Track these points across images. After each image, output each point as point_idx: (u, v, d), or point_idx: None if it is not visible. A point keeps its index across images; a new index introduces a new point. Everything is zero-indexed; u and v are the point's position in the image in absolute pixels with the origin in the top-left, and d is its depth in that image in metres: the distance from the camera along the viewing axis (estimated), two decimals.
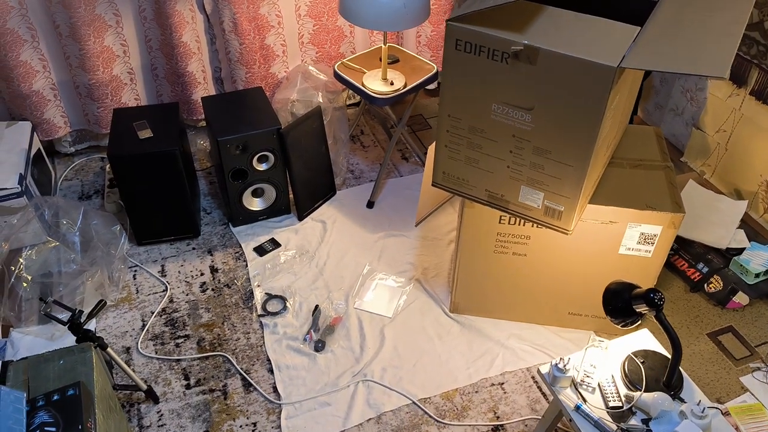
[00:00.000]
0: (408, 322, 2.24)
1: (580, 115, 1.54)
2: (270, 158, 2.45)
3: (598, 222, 1.90)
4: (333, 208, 2.69)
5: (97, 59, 2.59)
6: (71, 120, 2.80)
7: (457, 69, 1.63)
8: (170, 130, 2.36)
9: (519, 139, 1.66)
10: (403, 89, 2.47)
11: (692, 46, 1.46)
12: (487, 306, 2.22)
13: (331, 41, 2.91)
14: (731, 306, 2.28)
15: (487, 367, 2.11)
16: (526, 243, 2.00)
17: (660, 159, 2.04)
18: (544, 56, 1.50)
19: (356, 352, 2.14)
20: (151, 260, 2.47)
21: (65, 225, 2.33)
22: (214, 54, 2.83)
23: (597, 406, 1.62)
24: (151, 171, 2.31)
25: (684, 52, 1.44)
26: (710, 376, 2.09)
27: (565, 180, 1.67)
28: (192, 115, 2.90)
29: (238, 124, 2.38)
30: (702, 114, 2.77)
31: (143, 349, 2.16)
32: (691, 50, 1.44)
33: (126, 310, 2.28)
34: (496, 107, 1.64)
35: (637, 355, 1.72)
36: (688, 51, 1.44)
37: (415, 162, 2.93)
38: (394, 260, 2.46)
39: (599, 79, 1.46)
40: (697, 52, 1.43)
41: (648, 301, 1.56)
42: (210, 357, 2.14)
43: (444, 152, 1.83)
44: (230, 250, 2.51)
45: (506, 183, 1.78)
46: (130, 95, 2.78)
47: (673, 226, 1.87)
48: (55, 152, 2.91)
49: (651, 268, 1.98)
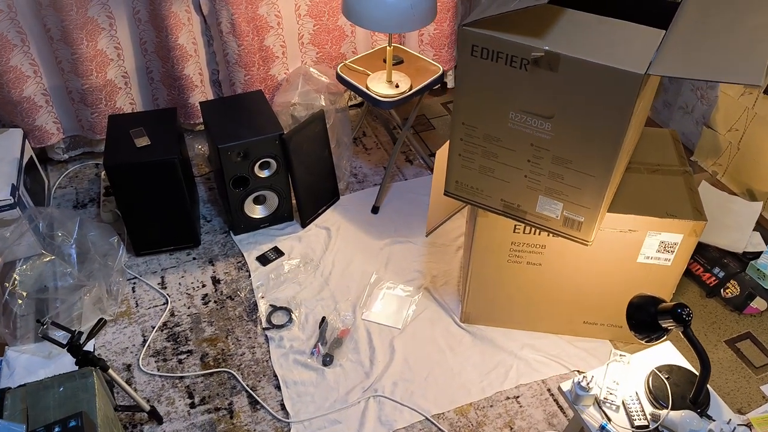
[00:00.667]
0: (418, 334, 2.17)
1: (604, 123, 1.47)
2: (272, 164, 2.37)
3: (617, 231, 1.83)
4: (337, 214, 2.61)
5: (90, 63, 2.49)
6: (64, 126, 2.70)
7: (473, 75, 1.55)
8: (168, 137, 2.28)
9: (537, 148, 1.59)
10: (408, 92, 2.39)
11: (722, 52, 1.39)
12: (499, 315, 2.15)
13: (332, 41, 2.82)
14: (749, 311, 2.22)
15: (501, 379, 2.04)
16: (541, 252, 1.93)
17: (678, 163, 1.97)
18: (566, 63, 1.42)
19: (366, 365, 2.08)
20: (151, 271, 2.38)
21: (60, 237, 2.25)
22: (212, 56, 2.74)
23: (622, 425, 1.56)
24: (149, 180, 2.22)
25: (714, 59, 1.37)
26: (730, 385, 2.04)
27: (586, 190, 1.60)
28: (189, 119, 2.81)
29: (238, 130, 2.30)
30: (713, 112, 2.70)
31: (144, 366, 2.08)
32: (722, 56, 1.37)
33: (126, 325, 2.20)
34: (513, 115, 1.57)
35: (662, 371, 1.65)
36: (718, 57, 1.37)
37: (419, 164, 2.86)
38: (401, 268, 2.39)
39: (625, 86, 1.39)
40: (728, 58, 1.36)
41: (675, 316, 1.49)
42: (214, 374, 2.06)
43: (457, 161, 1.75)
44: (232, 259, 2.43)
45: (523, 193, 1.71)
46: (125, 100, 2.69)
47: (695, 234, 1.81)
48: (48, 159, 2.82)
49: (670, 276, 1.92)
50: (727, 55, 1.37)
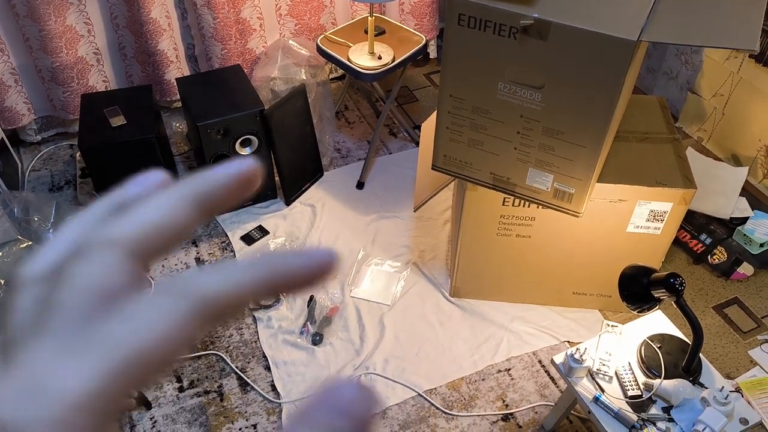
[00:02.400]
0: (408, 309, 2.15)
1: (595, 92, 1.43)
2: (253, 141, 2.31)
3: (607, 201, 1.82)
4: (321, 191, 2.57)
5: (59, 40, 2.39)
6: (35, 106, 2.61)
7: (460, 46, 1.51)
8: (145, 116, 2.20)
9: (527, 120, 1.56)
10: (392, 63, 2.33)
11: (715, 17, 1.35)
12: (489, 289, 2.14)
13: (310, 12, 2.74)
14: (736, 277, 2.24)
15: (492, 352, 2.04)
16: (530, 225, 1.91)
17: (667, 131, 1.95)
18: (557, 31, 1.38)
19: (356, 343, 2.06)
20: None
21: (37, 222, 2.18)
22: (186, 30, 2.65)
23: (615, 396, 1.56)
24: (126, 160, 2.16)
25: (707, 24, 1.33)
26: (718, 350, 2.05)
27: (577, 161, 1.57)
28: (165, 96, 2.72)
29: (218, 107, 2.23)
30: (698, 77, 2.68)
31: None
32: (715, 21, 1.34)
33: None
34: (502, 86, 1.53)
35: (654, 340, 1.65)
36: (711, 22, 1.34)
37: (403, 137, 2.81)
38: (388, 243, 2.36)
39: (617, 54, 1.35)
40: (722, 23, 1.33)
41: (668, 286, 1.48)
42: (202, 356, 2.03)
43: (445, 134, 1.71)
44: (216, 240, 2.38)
45: (513, 165, 1.67)
46: (97, 77, 2.60)
47: (684, 202, 1.80)
48: (20, 141, 2.72)
49: (659, 245, 1.91)
50: (720, 20, 1.34)
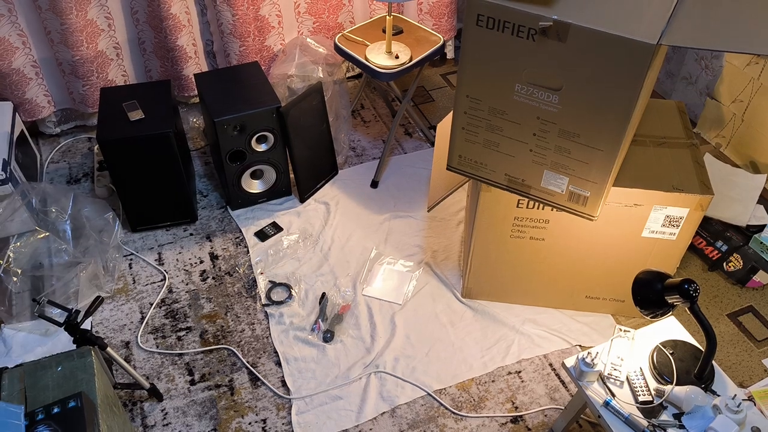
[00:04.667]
0: (419, 309, 2.16)
1: (613, 96, 1.43)
2: (269, 138, 2.32)
3: (622, 205, 1.81)
4: (336, 189, 2.57)
5: (80, 34, 2.42)
6: (55, 99, 2.64)
7: (478, 46, 1.51)
8: (163, 111, 2.22)
9: (544, 122, 1.55)
10: (409, 63, 2.33)
11: (735, 21, 1.34)
12: (501, 290, 2.14)
13: (329, 11, 2.75)
14: (751, 285, 2.21)
15: (503, 354, 2.03)
16: (544, 227, 1.90)
17: (684, 136, 1.93)
18: (576, 33, 1.38)
19: (367, 341, 2.06)
20: (147, 248, 2.35)
21: (54, 213, 2.21)
22: (206, 26, 2.67)
23: (626, 401, 1.55)
24: (144, 155, 2.18)
25: (727, 28, 1.32)
26: (732, 358, 2.03)
27: (593, 164, 1.57)
28: (183, 91, 2.74)
29: (235, 103, 2.25)
30: (717, 83, 2.66)
31: (143, 343, 2.06)
32: (734, 25, 1.33)
33: (123, 302, 2.18)
34: (519, 87, 1.53)
35: (666, 346, 1.64)
36: (731, 26, 1.33)
37: (419, 137, 2.81)
38: (401, 243, 2.36)
39: (636, 57, 1.34)
40: (741, 28, 1.32)
41: (682, 292, 1.47)
42: (214, 350, 2.04)
43: (461, 135, 1.71)
44: (230, 235, 2.40)
45: (528, 167, 1.67)
46: (117, 71, 2.62)
47: (701, 208, 1.78)
48: (40, 133, 2.75)
49: (675, 251, 1.90)
50: (740, 25, 1.33)
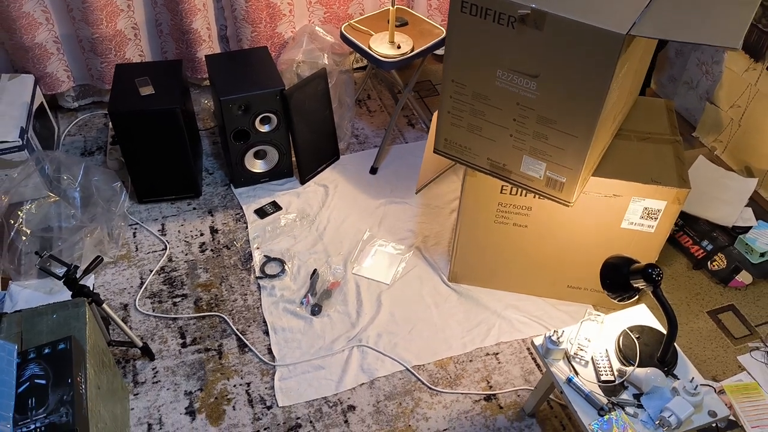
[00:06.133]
0: (406, 290, 2.23)
1: (587, 84, 1.49)
2: (273, 120, 2.42)
3: (602, 195, 1.86)
4: (336, 173, 2.66)
5: (100, 13, 2.54)
6: (74, 74, 2.77)
7: (462, 32, 1.58)
8: (172, 88, 2.33)
9: (523, 108, 1.62)
10: (410, 53, 2.42)
11: (705, 15, 1.40)
12: (486, 276, 2.20)
13: (339, 1, 2.84)
14: (734, 284, 2.25)
15: (483, 336, 2.10)
16: (527, 214, 1.97)
17: (669, 133, 1.99)
18: (552, 21, 1.45)
19: (352, 317, 2.14)
20: (152, 219, 2.46)
21: (66, 180, 2.33)
22: (220, 11, 2.78)
23: (589, 379, 1.61)
24: (152, 129, 2.29)
25: (696, 21, 1.38)
26: (707, 353, 2.07)
27: (569, 151, 1.63)
28: (196, 73, 2.86)
29: (241, 84, 2.35)
30: (717, 88, 2.70)
31: (141, 306, 2.16)
32: (704, 19, 1.39)
33: (125, 268, 2.29)
34: (501, 73, 1.60)
35: (633, 330, 1.70)
36: (700, 20, 1.39)
37: (421, 128, 2.89)
38: (394, 227, 2.44)
39: (607, 47, 1.41)
40: (710, 22, 1.38)
41: (646, 276, 1.53)
42: (207, 317, 2.14)
43: (447, 118, 1.79)
44: (231, 211, 2.50)
45: (509, 152, 1.74)
46: (134, 51, 2.74)
47: (678, 201, 1.83)
48: (59, 107, 2.89)
49: (653, 243, 1.95)
50: (710, 19, 1.38)
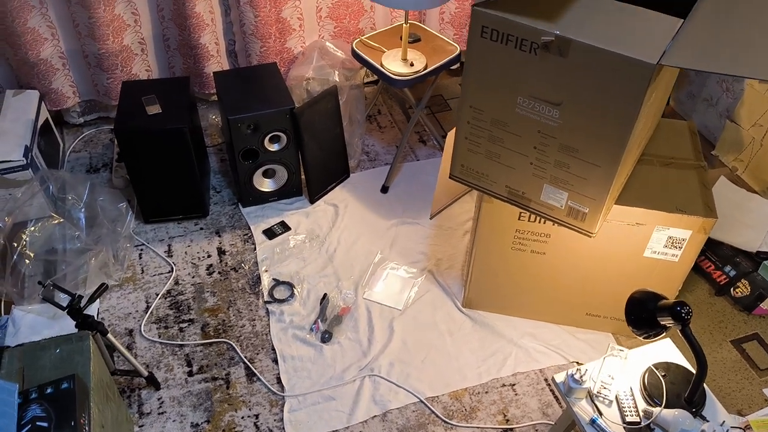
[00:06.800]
0: (418, 316, 2.17)
1: (613, 113, 1.43)
2: (282, 139, 2.36)
3: (624, 223, 1.80)
4: (346, 192, 2.60)
5: (107, 28, 2.49)
6: (80, 90, 2.72)
7: (482, 58, 1.52)
8: (180, 106, 2.27)
9: (544, 136, 1.56)
10: (423, 71, 2.35)
11: (738, 45, 1.33)
12: (502, 302, 2.14)
13: (350, 16, 2.79)
14: (758, 312, 2.18)
15: (499, 366, 2.03)
16: (545, 241, 1.90)
17: (693, 157, 1.92)
18: (577, 49, 1.38)
19: (364, 345, 2.08)
20: (158, 239, 2.40)
21: (71, 200, 2.27)
22: (229, 26, 2.72)
23: (613, 420, 1.54)
24: (159, 148, 2.23)
25: (729, 52, 1.32)
26: (732, 386, 2.00)
27: (592, 181, 1.56)
28: (204, 88, 2.80)
29: (250, 103, 2.29)
30: (737, 106, 2.63)
31: (146, 332, 2.11)
32: (737, 49, 1.32)
33: (130, 291, 2.23)
34: (521, 100, 1.53)
35: (658, 368, 1.63)
36: (732, 50, 1.32)
37: (433, 146, 2.83)
38: (406, 249, 2.38)
39: (636, 76, 1.34)
40: (743, 52, 1.31)
41: (674, 314, 1.46)
42: (214, 343, 2.08)
43: (464, 144, 1.72)
44: (239, 231, 2.44)
45: (528, 180, 1.67)
46: (140, 66, 2.69)
47: (704, 231, 1.76)
48: (64, 123, 2.84)
49: (677, 272, 1.88)
50: (743, 49, 1.32)
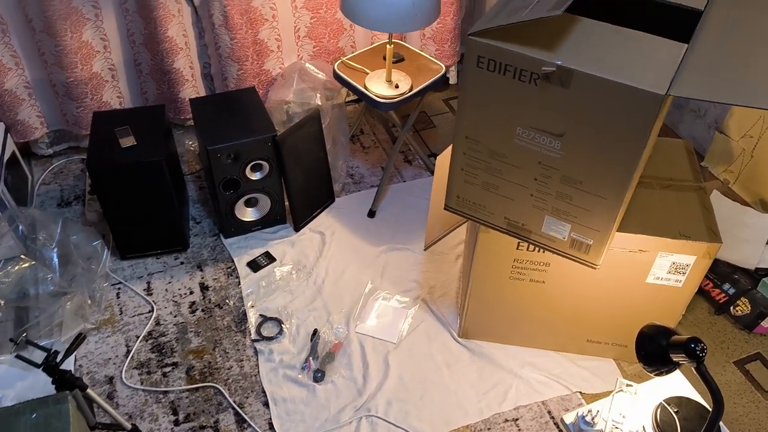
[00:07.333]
0: (414, 349, 2.08)
1: (618, 144, 1.36)
2: (265, 167, 2.26)
3: (626, 250, 1.73)
4: (332, 218, 2.51)
5: (74, 55, 2.37)
6: (48, 120, 2.58)
7: (479, 88, 1.44)
8: (155, 137, 2.16)
9: (545, 167, 1.49)
10: (409, 92, 2.27)
11: (748, 73, 1.28)
12: (499, 332, 2.06)
13: (329, 35, 2.70)
14: (759, 331, 2.13)
15: (500, 400, 1.96)
16: (545, 270, 1.83)
17: (692, 178, 1.86)
18: (580, 79, 1.31)
19: (358, 382, 1.99)
20: (136, 276, 2.28)
21: (42, 240, 2.15)
22: (203, 49, 2.61)
23: None
24: (134, 182, 2.11)
25: (739, 80, 1.26)
26: (738, 410, 1.95)
27: (596, 212, 1.50)
28: (179, 114, 2.69)
29: (229, 131, 2.19)
30: (726, 117, 2.59)
31: (128, 379, 1.99)
32: (747, 77, 1.26)
33: (109, 334, 2.11)
34: (521, 131, 1.46)
35: (670, 403, 1.57)
36: (743, 78, 1.26)
37: (419, 165, 2.75)
38: (397, 277, 2.29)
39: (643, 107, 1.28)
40: (755, 81, 1.25)
41: (688, 351, 1.40)
42: (200, 388, 1.97)
43: (459, 175, 1.65)
44: (221, 264, 2.33)
45: (528, 212, 1.60)
46: (112, 93, 2.57)
47: (708, 256, 1.71)
48: (32, 154, 2.70)
49: (680, 298, 1.83)
50: (754, 77, 1.26)
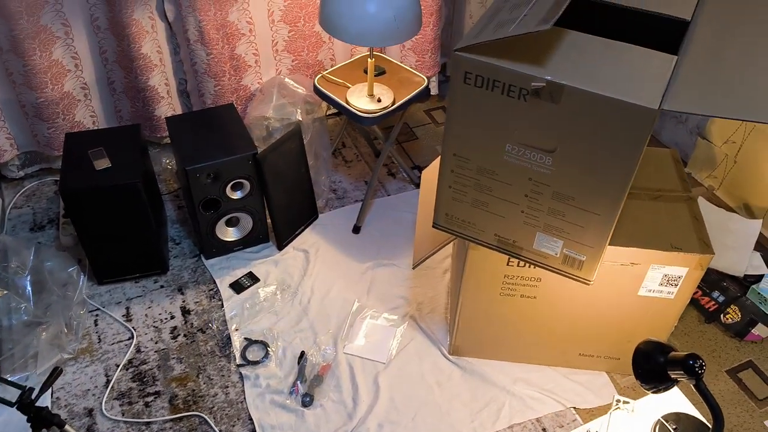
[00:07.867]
0: (404, 368, 2.03)
1: (611, 159, 1.33)
2: (245, 185, 2.20)
3: (618, 264, 1.71)
4: (315, 234, 2.45)
5: (44, 75, 2.29)
6: (18, 142, 2.50)
7: (466, 104, 1.41)
8: (131, 158, 2.09)
9: (536, 183, 1.45)
10: (391, 107, 2.23)
11: (740, 85, 1.26)
12: (490, 348, 2.02)
13: (308, 48, 2.65)
14: (750, 338, 2.12)
15: (493, 418, 1.92)
16: (536, 285, 1.80)
17: (681, 189, 1.85)
18: (570, 94, 1.28)
19: (348, 406, 1.93)
20: (114, 302, 2.21)
21: (14, 268, 2.06)
22: (179, 65, 2.55)
23: None
24: (110, 205, 2.04)
25: (735, 92, 1.23)
26: (733, 420, 1.93)
27: (590, 228, 1.47)
28: (155, 132, 2.62)
29: (208, 150, 2.13)
30: (708, 123, 2.59)
31: (108, 411, 1.91)
32: (740, 89, 1.24)
33: (87, 364, 2.03)
34: (510, 148, 1.43)
35: (668, 420, 1.54)
36: (736, 90, 1.24)
37: (402, 178, 2.71)
38: (385, 294, 2.24)
39: (636, 122, 1.25)
40: (747, 92, 1.23)
41: (687, 368, 1.38)
42: (185, 418, 1.90)
43: (447, 193, 1.61)
44: (203, 287, 2.26)
45: (519, 228, 1.57)
46: (84, 113, 2.49)
47: (701, 267, 1.69)
48: (2, 177, 2.61)
49: (672, 309, 1.80)
50: (747, 90, 1.24)
